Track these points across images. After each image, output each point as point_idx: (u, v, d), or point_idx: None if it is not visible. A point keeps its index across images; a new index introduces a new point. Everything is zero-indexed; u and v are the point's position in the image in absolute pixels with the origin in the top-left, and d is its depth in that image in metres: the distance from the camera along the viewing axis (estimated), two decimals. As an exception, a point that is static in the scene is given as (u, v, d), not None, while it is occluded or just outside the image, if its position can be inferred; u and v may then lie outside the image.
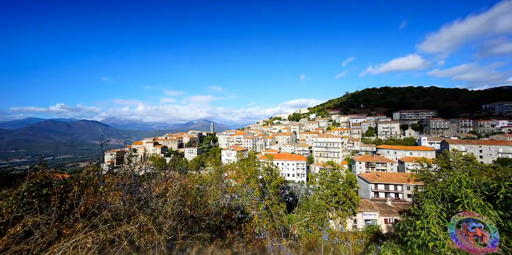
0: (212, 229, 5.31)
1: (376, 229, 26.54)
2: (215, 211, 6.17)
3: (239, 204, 7.70)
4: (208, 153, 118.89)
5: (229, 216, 7.15)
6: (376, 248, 5.31)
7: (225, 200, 7.79)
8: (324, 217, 21.30)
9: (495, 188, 3.91)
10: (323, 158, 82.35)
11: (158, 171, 5.95)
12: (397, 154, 71.61)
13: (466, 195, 4.07)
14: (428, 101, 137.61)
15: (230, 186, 10.66)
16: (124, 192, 3.44)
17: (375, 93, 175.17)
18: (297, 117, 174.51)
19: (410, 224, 5.14)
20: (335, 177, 27.52)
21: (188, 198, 5.27)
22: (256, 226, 4.65)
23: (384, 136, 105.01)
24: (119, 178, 3.72)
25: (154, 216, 3.32)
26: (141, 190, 3.95)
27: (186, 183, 7.39)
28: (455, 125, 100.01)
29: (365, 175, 50.38)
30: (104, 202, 3.09)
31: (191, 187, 7.38)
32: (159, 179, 4.81)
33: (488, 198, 4.02)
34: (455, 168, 22.33)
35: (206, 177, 14.30)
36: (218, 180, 11.82)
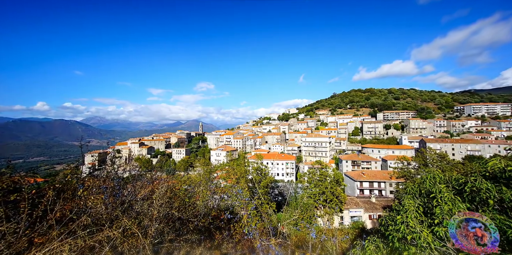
0: (201, 231, 5.23)
1: (361, 225, 27.64)
2: (203, 212, 6.07)
3: (229, 205, 7.65)
4: (197, 154, 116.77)
5: (218, 217, 7.08)
6: (361, 244, 5.53)
7: (214, 201, 7.70)
8: (312, 215, 21.78)
9: (463, 183, 4.22)
10: (312, 157, 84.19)
11: (144, 172, 5.72)
12: (381, 152, 75.08)
13: (439, 190, 4.37)
14: (408, 102, 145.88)
15: (220, 187, 10.56)
16: (107, 195, 3.25)
17: (360, 94, 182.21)
18: (286, 117, 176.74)
19: (391, 219, 5.42)
20: (323, 176, 28.23)
21: (175, 200, 5.13)
22: (245, 226, 4.64)
23: (369, 135, 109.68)
24: (101, 181, 3.51)
25: (139, 219, 3.18)
26: (125, 193, 3.77)
27: (174, 184, 7.19)
28: (432, 125, 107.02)
29: (351, 173, 52.25)
30: (84, 207, 2.89)
31: (179, 189, 7.20)
32: (145, 181, 4.62)
33: (457, 192, 4.33)
34: (431, 165, 23.88)
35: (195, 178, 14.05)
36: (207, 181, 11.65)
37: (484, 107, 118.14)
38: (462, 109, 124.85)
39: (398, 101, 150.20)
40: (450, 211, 4.03)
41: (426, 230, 4.08)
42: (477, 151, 71.63)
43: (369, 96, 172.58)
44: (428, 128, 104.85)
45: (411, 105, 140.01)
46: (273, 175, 66.24)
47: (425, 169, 23.23)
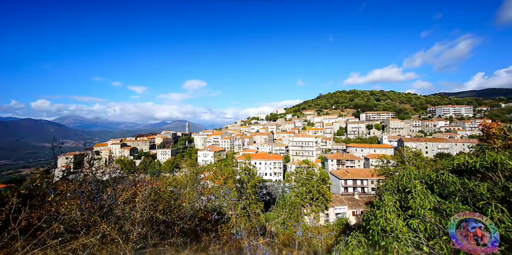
0: (187, 233, 5.11)
1: (345, 221, 28.77)
2: (190, 214, 5.94)
3: (216, 206, 7.55)
4: (183, 154, 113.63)
5: (205, 218, 6.96)
6: (345, 239, 5.77)
7: (201, 202, 7.57)
8: (299, 213, 22.24)
9: (434, 178, 4.59)
10: (299, 157, 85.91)
11: (126, 174, 5.45)
12: (363, 151, 78.72)
13: (414, 185, 4.72)
14: (388, 104, 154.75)
15: (207, 188, 10.41)
16: (83, 200, 3.03)
17: (345, 95, 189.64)
18: (274, 117, 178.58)
19: (372, 214, 5.73)
20: (309, 175, 28.96)
21: (160, 203, 4.96)
22: (233, 227, 4.62)
23: (353, 135, 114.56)
24: (77, 185, 3.26)
25: (120, 224, 3.01)
26: (104, 197, 3.55)
27: (159, 186, 6.95)
28: (408, 125, 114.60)
29: (336, 172, 54.19)
30: (56, 214, 2.65)
31: (164, 191, 6.97)
32: (127, 183, 4.40)
33: (429, 186, 4.70)
34: (407, 162, 25.57)
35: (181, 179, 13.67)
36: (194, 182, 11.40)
37: (451, 109, 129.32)
38: (434, 110, 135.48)
39: (379, 103, 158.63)
40: (422, 203, 4.36)
41: (402, 223, 4.37)
42: (446, 149, 78.13)
43: (353, 97, 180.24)
44: (405, 128, 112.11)
45: (390, 106, 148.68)
46: (261, 175, 66.50)
47: (402, 166, 24.81)
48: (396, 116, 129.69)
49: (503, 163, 3.54)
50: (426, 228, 3.95)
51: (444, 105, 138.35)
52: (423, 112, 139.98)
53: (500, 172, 3.79)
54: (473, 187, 3.77)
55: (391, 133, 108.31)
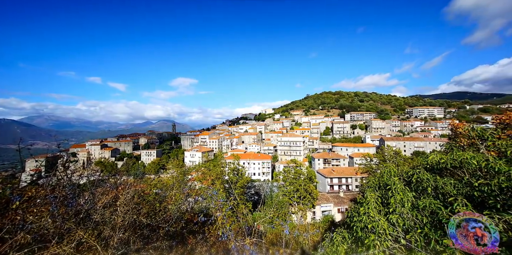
0: (173, 236, 4.97)
1: (331, 218, 29.75)
2: (176, 217, 5.79)
3: (203, 207, 7.43)
4: (169, 155, 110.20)
5: (191, 220, 6.82)
6: (330, 236, 5.96)
7: (188, 204, 7.41)
8: (286, 212, 22.59)
9: (411, 175, 4.92)
10: (287, 156, 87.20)
11: (106, 177, 5.16)
12: (348, 150, 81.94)
13: (394, 182, 5.01)
14: (371, 105, 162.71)
15: (194, 189, 10.18)
16: (55, 206, 2.77)
17: (331, 96, 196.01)
18: (263, 117, 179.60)
19: (355, 211, 5.98)
20: (297, 174, 29.52)
21: (144, 205, 4.77)
22: (220, 228, 4.58)
23: (338, 134, 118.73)
24: (48, 190, 2.98)
25: (98, 230, 2.84)
26: (81, 202, 3.31)
27: (142, 188, 6.68)
28: (389, 125, 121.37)
29: (323, 170, 55.81)
30: (22, 222, 2.43)
31: (149, 193, 6.73)
32: (108, 186, 4.16)
33: (407, 183, 5.02)
34: (388, 161, 27.08)
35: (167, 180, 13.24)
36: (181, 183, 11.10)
37: (426, 110, 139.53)
38: (411, 111, 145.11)
39: (362, 103, 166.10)
40: (401, 200, 4.64)
41: (383, 218, 4.61)
42: (421, 147, 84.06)
43: (339, 98, 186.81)
44: (386, 128, 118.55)
45: (373, 107, 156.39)
46: (249, 175, 66.51)
47: (384, 164, 26.22)
48: (378, 116, 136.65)
49: (468, 162, 3.90)
50: (404, 223, 4.22)
51: (420, 106, 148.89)
52: (401, 112, 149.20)
53: (465, 170, 4.16)
54: (443, 184, 4.10)
55: (373, 132, 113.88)
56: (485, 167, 3.67)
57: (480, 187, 3.58)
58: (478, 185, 3.60)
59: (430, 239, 3.48)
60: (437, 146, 79.43)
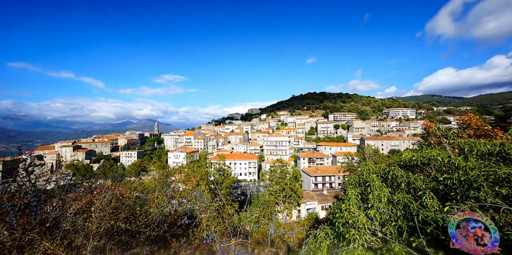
0: (154, 241, 4.78)
1: (315, 215, 30.69)
2: (158, 220, 5.57)
3: (187, 209, 7.24)
4: (152, 156, 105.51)
5: (175, 223, 6.60)
6: (313, 232, 6.15)
7: (172, 206, 7.18)
8: (272, 211, 22.85)
9: (387, 172, 5.27)
10: (273, 156, 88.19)
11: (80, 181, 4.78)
12: (332, 149, 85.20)
13: (372, 179, 5.32)
14: (352, 106, 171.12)
15: (178, 191, 9.88)
16: (13, 215, 2.44)
17: (315, 97, 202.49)
18: (249, 117, 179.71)
19: (337, 208, 6.24)
20: (283, 173, 30.01)
21: (123, 210, 4.52)
22: (204, 230, 4.50)
23: (322, 134, 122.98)
24: (5, 198, 2.63)
25: (69, 239, 2.60)
26: (48, 209, 3.00)
27: (121, 192, 6.31)
28: (369, 125, 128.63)
29: (308, 169, 57.38)
30: None
31: (129, 196, 6.39)
32: (81, 191, 3.85)
33: (384, 179, 5.36)
34: (368, 159, 28.71)
35: (149, 183, 12.66)
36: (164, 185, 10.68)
37: (401, 111, 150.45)
38: (388, 112, 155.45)
39: (344, 104, 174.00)
40: (378, 195, 4.94)
41: (362, 214, 4.87)
42: (397, 146, 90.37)
43: (323, 99, 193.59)
44: (366, 128, 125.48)
45: (354, 108, 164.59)
46: (236, 175, 66.10)
47: (363, 162, 27.73)
48: (358, 117, 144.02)
49: (434, 159, 4.30)
50: (381, 217, 4.50)
51: (395, 107, 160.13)
52: (380, 113, 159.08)
53: (432, 166, 4.58)
54: (414, 180, 4.46)
55: (354, 132, 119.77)
56: (448, 163, 4.07)
57: (444, 181, 3.96)
58: (443, 180, 3.98)
59: (403, 230, 3.76)
60: (410, 144, 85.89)
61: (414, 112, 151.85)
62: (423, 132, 8.76)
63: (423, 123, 13.60)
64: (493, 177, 3.28)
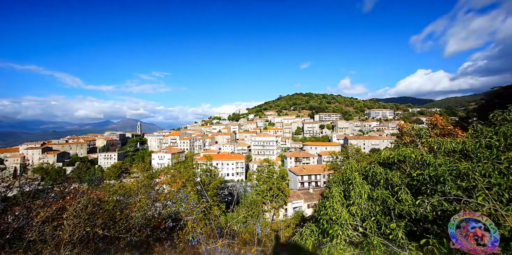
0: (136, 246, 4.56)
1: (301, 214, 31.38)
2: (140, 225, 5.33)
3: (172, 212, 7.02)
4: (134, 158, 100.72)
5: (158, 227, 6.37)
6: (299, 230, 6.28)
7: (155, 209, 6.92)
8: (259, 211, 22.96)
9: (368, 170, 5.55)
10: (261, 156, 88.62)
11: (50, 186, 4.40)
12: (317, 149, 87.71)
13: (354, 177, 5.57)
14: (337, 106, 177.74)
15: (163, 193, 9.55)
16: None
17: (302, 98, 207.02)
18: (236, 117, 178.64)
19: (322, 205, 6.44)
20: (270, 173, 30.27)
21: (100, 215, 4.25)
22: (190, 232, 4.39)
23: (308, 134, 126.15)
24: None
25: (35, 250, 2.36)
26: (9, 219, 2.68)
27: (99, 196, 5.94)
28: (352, 125, 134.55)
29: (294, 168, 58.50)
30: None
31: (107, 201, 6.03)
32: (50, 197, 3.54)
33: (365, 177, 5.64)
34: (351, 157, 30.02)
35: (131, 185, 12.04)
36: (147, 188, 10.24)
37: (380, 112, 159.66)
38: (369, 113, 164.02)
39: (329, 105, 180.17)
40: (360, 192, 5.18)
41: (345, 210, 5.08)
42: (377, 145, 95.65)
43: (309, 99, 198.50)
44: (350, 128, 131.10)
45: (338, 108, 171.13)
46: (223, 175, 65.25)
47: (347, 161, 28.95)
48: (342, 117, 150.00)
49: (409, 157, 4.63)
50: (362, 212, 4.72)
51: (376, 108, 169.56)
52: (362, 114, 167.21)
53: (407, 163, 4.93)
54: (391, 176, 4.76)
55: (339, 132, 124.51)
56: (420, 160, 4.40)
57: (417, 177, 4.28)
58: (416, 175, 4.30)
59: (381, 224, 3.99)
60: (388, 143, 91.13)
61: (392, 113, 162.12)
62: (398, 132, 9.49)
63: (398, 124, 14.95)
64: (456, 172, 3.61)
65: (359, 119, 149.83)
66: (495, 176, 3.34)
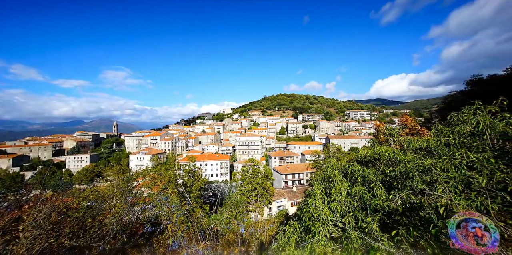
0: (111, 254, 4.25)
1: (285, 212, 32.00)
2: (115, 231, 4.98)
3: (151, 216, 6.69)
4: (109, 160, 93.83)
5: (136, 232, 6.03)
6: (283, 228, 6.37)
7: (133, 214, 6.52)
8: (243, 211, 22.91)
9: (347, 168, 5.83)
10: (246, 156, 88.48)
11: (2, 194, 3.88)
12: (301, 148, 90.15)
13: (335, 175, 5.81)
14: (319, 107, 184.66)
15: (142, 196, 9.06)
16: None
17: (286, 98, 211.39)
18: (221, 117, 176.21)
19: (305, 203, 6.61)
20: (255, 173, 30.37)
21: (67, 224, 3.86)
22: (170, 237, 4.20)
23: (292, 134, 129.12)
24: None
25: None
26: None
27: (67, 203, 5.42)
28: (333, 125, 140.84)
29: (279, 168, 59.41)
30: None
31: (77, 207, 5.54)
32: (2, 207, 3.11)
33: (344, 174, 5.92)
34: (332, 156, 31.40)
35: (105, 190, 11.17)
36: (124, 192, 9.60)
37: (359, 113, 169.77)
38: (349, 113, 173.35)
39: (312, 106, 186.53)
40: (340, 189, 5.42)
41: (326, 207, 5.27)
42: (356, 144, 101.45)
43: (292, 100, 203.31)
44: (331, 128, 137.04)
45: (320, 109, 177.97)
46: (207, 176, 63.98)
47: (328, 159, 30.20)
48: (324, 117, 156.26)
49: (383, 155, 4.98)
50: (341, 208, 4.94)
51: (355, 109, 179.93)
52: (342, 114, 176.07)
53: (382, 161, 5.30)
54: (368, 173, 5.07)
55: (321, 132, 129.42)
56: (393, 158, 4.75)
57: (390, 173, 4.61)
58: (389, 172, 4.63)
59: (358, 219, 4.21)
60: (366, 142, 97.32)
61: (369, 113, 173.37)
62: (374, 132, 10.26)
63: (374, 124, 16.18)
64: (421, 168, 3.99)
65: (339, 119, 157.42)
66: (451, 171, 3.75)
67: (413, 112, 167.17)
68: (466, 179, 3.59)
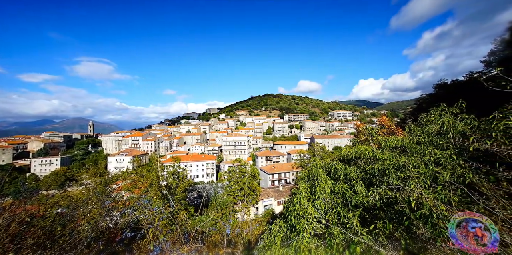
0: (83, 266, 3.94)
1: (271, 211, 32.31)
2: (89, 239, 4.63)
3: (131, 221, 6.33)
4: (84, 162, 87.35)
5: (114, 239, 5.67)
6: (269, 227, 6.40)
7: (111, 219, 6.13)
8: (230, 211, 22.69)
9: (330, 166, 6.03)
10: (232, 156, 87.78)
11: None
12: (287, 148, 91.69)
13: (319, 173, 5.98)
14: (304, 107, 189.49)
15: (121, 200, 8.57)
16: None
17: (272, 98, 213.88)
18: (207, 117, 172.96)
19: (290, 201, 6.71)
20: (241, 173, 30.23)
21: (31, 234, 3.50)
22: (151, 241, 4.00)
23: (279, 134, 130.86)
24: None
25: None
26: None
27: (31, 211, 4.92)
28: (318, 125, 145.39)
29: (265, 167, 59.83)
30: None
31: (43, 215, 5.06)
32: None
33: (328, 173, 6.11)
34: (316, 155, 32.38)
35: (79, 195, 10.36)
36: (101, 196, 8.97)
37: (342, 113, 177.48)
38: (332, 114, 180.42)
39: (298, 106, 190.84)
40: (323, 187, 5.58)
41: (310, 205, 5.39)
42: (339, 143, 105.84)
43: (279, 100, 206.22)
44: (316, 128, 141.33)
45: (305, 109, 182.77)
46: (192, 177, 62.35)
47: (313, 159, 31.06)
48: (309, 117, 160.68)
49: (363, 153, 5.24)
50: (325, 206, 5.08)
51: (338, 110, 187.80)
52: (326, 115, 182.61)
53: (362, 159, 5.58)
54: (349, 171, 5.30)
55: (306, 132, 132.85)
56: (372, 156, 5.02)
57: (369, 171, 4.86)
58: (368, 170, 4.88)
59: (341, 215, 4.37)
60: (348, 141, 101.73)
61: (351, 114, 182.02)
62: (355, 132, 10.86)
63: (354, 124, 17.20)
64: (397, 165, 4.29)
65: (324, 120, 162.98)
66: (421, 167, 4.09)
67: (390, 113, 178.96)
68: (433, 174, 3.94)
